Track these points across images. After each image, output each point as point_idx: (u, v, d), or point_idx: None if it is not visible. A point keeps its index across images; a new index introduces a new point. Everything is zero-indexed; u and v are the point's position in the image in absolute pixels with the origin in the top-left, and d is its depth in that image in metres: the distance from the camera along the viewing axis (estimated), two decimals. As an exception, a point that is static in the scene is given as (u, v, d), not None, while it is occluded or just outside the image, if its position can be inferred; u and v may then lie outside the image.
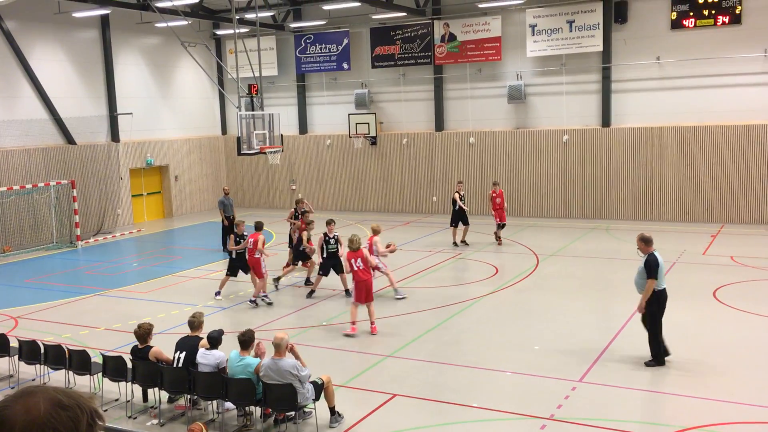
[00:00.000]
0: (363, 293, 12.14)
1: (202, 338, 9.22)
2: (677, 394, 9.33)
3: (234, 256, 15.08)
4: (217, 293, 15.22)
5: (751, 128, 21.48)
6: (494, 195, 19.86)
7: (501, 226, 19.74)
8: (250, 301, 14.65)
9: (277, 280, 15.86)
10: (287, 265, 16.57)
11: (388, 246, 15.14)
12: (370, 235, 15.25)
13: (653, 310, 10.15)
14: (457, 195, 19.60)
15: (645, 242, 10.23)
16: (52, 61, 23.61)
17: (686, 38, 21.98)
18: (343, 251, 14.81)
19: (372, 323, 12.29)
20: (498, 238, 19.94)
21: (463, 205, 19.51)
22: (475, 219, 21.98)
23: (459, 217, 19.59)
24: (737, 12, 21.14)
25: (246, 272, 15.03)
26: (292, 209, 18.16)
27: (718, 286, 14.61)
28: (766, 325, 12.09)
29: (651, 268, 9.96)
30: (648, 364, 10.18)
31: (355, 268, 12.17)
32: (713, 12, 21.43)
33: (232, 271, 15.17)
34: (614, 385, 9.69)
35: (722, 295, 13.98)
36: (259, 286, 14.56)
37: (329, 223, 15.31)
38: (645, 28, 22.56)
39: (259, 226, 14.97)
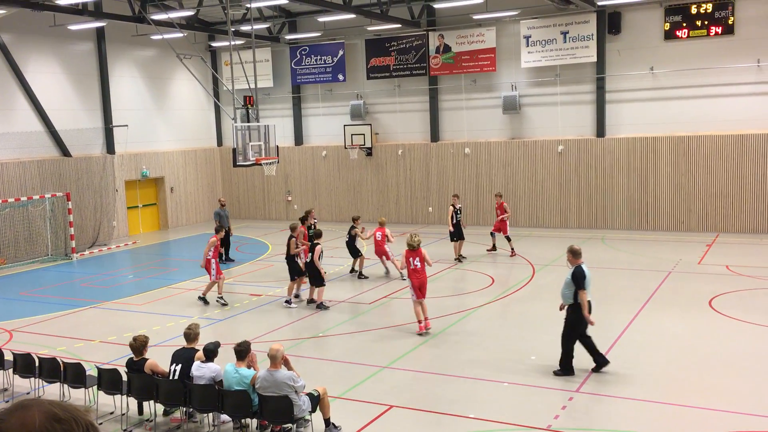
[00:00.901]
0: (416, 290, 12.64)
1: (198, 350, 9.18)
2: (674, 403, 9.32)
3: (301, 260, 15.33)
4: (310, 301, 15.25)
5: (744, 138, 21.58)
6: (496, 206, 20.07)
7: (507, 239, 19.78)
8: (207, 302, 15.66)
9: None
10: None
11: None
12: (377, 227, 17.40)
13: (573, 319, 10.25)
14: (451, 209, 19.48)
15: (573, 254, 10.37)
16: (47, 74, 23.63)
17: (680, 49, 22.12)
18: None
19: (426, 318, 12.76)
20: (494, 247, 20.18)
21: (453, 220, 19.15)
22: (472, 229, 21.99)
23: (455, 231, 19.32)
24: (730, 23, 21.28)
25: (299, 274, 15.29)
26: (304, 226, 16.93)
27: (713, 295, 14.63)
28: (762, 334, 12.10)
29: (578, 280, 10.11)
30: (556, 373, 10.35)
31: (412, 267, 12.60)
32: (706, 23, 21.57)
33: (297, 273, 15.36)
34: (611, 395, 9.68)
35: (718, 304, 14.00)
36: (209, 286, 15.72)
37: (320, 235, 15.49)
38: (639, 39, 22.69)
39: (218, 229, 16.76)
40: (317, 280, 14.83)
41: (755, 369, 10.53)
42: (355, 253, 17.73)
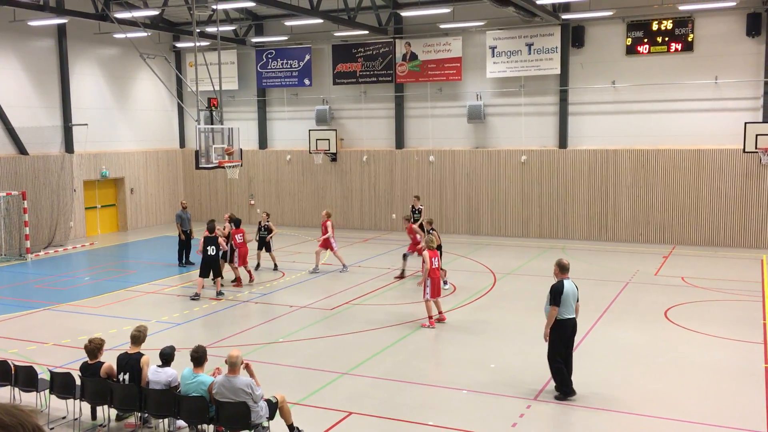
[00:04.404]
0: (437, 288, 13.59)
1: (143, 354, 8.97)
2: (629, 412, 9.45)
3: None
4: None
5: (701, 153, 22.09)
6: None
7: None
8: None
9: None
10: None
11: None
12: (325, 219, 18.75)
13: (553, 338, 9.79)
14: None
15: (560, 268, 9.99)
16: (5, 70, 23.09)
17: (640, 64, 22.57)
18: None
19: (441, 312, 13.81)
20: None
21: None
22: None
23: None
24: (689, 40, 21.80)
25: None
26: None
27: (669, 306, 14.91)
28: (715, 345, 12.37)
29: (553, 295, 9.73)
30: (556, 398, 9.86)
31: (434, 266, 13.47)
32: (667, 39, 22.07)
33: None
34: (568, 404, 9.78)
35: (673, 315, 14.27)
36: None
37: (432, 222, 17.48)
38: (601, 53, 23.10)
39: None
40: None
41: (709, 378, 10.75)
42: None
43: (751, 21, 21.01)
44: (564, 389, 9.82)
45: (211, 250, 16.21)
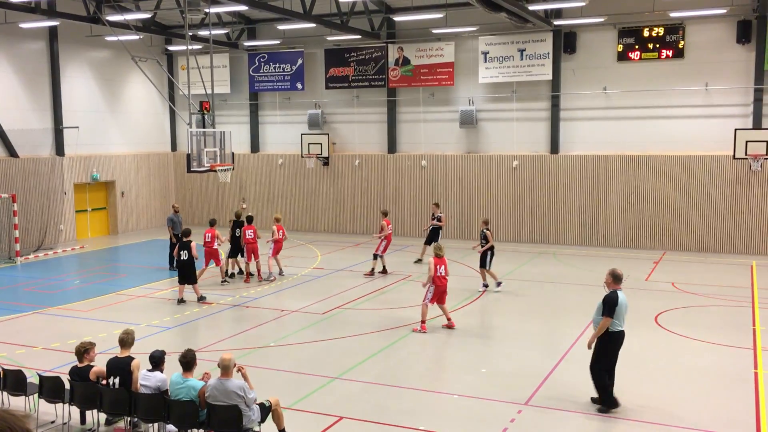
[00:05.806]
0: (438, 295, 13.62)
1: (133, 358, 8.93)
2: (621, 417, 9.47)
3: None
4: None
5: (692, 159, 22.20)
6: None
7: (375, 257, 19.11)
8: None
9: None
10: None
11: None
12: (278, 224, 18.73)
13: (600, 348, 9.67)
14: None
15: (613, 278, 9.64)
16: (-4, 72, 23.00)
17: (632, 70, 22.69)
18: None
19: (449, 319, 13.81)
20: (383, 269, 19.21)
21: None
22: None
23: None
24: (680, 47, 21.94)
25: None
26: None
27: (659, 311, 14.96)
28: (705, 350, 12.41)
29: (607, 306, 9.46)
30: (593, 400, 9.85)
31: (438, 274, 13.52)
32: (658, 46, 22.21)
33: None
34: (559, 409, 9.79)
35: (663, 320, 14.32)
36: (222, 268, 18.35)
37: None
38: (593, 59, 23.21)
39: (212, 222, 18.73)
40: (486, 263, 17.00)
41: (699, 384, 10.79)
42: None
43: (742, 28, 21.17)
44: (608, 401, 9.67)
45: (184, 255, 16.12)
